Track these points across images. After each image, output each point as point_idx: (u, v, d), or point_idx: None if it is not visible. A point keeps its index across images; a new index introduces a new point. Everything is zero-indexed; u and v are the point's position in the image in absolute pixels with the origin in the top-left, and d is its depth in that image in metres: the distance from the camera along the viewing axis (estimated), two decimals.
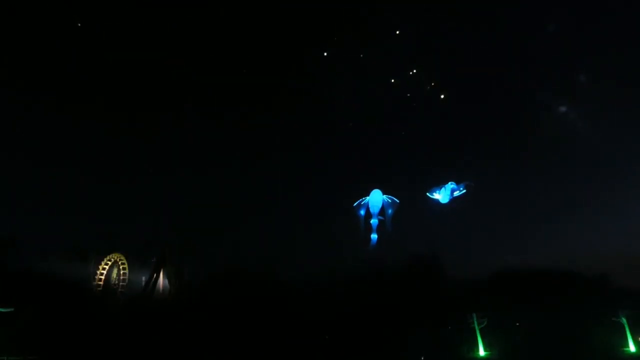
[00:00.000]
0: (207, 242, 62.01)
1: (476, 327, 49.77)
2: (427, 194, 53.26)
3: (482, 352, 49.22)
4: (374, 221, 54.32)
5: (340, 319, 54.15)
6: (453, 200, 51.86)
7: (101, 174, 65.22)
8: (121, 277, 60.47)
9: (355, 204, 55.60)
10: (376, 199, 54.75)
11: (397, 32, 57.38)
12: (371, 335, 52.08)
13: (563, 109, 59.37)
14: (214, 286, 58.95)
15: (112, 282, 60.27)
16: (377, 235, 54.85)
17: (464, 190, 49.49)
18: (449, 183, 52.08)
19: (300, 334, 52.01)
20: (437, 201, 53.14)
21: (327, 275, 59.57)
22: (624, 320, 49.71)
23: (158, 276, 59.54)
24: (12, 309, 37.41)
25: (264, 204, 66.12)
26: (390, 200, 54.38)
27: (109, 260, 60.26)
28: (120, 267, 60.61)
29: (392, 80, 60.04)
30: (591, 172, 61.38)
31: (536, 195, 63.80)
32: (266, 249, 62.64)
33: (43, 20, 59.18)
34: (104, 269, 59.89)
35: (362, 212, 55.35)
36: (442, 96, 58.34)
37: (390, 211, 54.50)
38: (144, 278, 60.49)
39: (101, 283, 59.56)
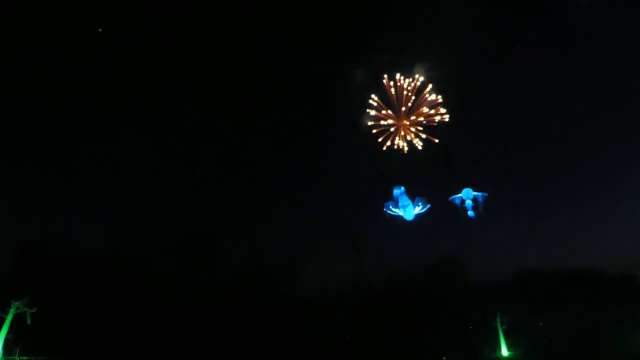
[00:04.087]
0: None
1: (499, 327, 50.10)
2: (449, 199, 54.80)
3: (505, 352, 49.65)
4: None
5: (365, 318, 55.74)
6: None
7: None
8: None
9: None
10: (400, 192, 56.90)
11: None
12: (395, 334, 53.35)
13: (585, 111, 58.93)
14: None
15: None
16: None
17: (481, 200, 50.39)
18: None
19: (326, 333, 53.83)
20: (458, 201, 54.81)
21: (353, 277, 61.25)
22: None
23: None
24: (35, 310, 39.23)
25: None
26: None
27: None
28: None
29: None
30: (616, 172, 60.73)
31: (560, 195, 63.45)
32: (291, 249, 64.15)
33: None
34: None
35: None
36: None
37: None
38: None
39: None
